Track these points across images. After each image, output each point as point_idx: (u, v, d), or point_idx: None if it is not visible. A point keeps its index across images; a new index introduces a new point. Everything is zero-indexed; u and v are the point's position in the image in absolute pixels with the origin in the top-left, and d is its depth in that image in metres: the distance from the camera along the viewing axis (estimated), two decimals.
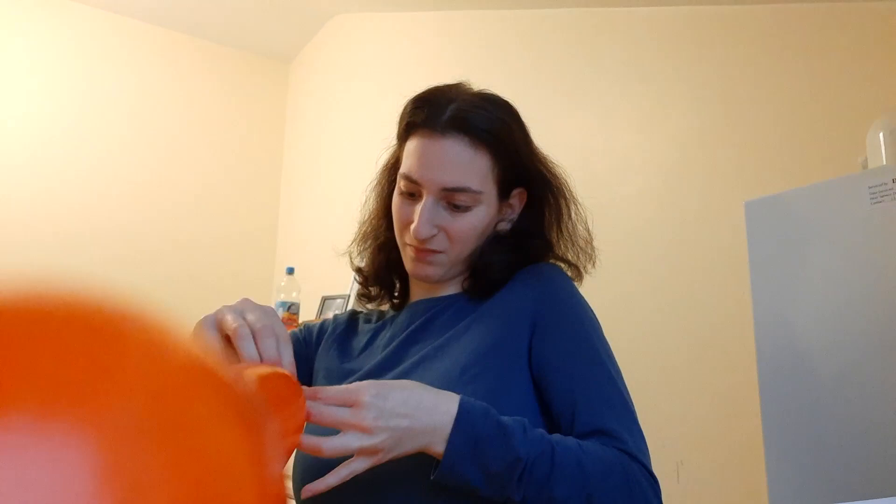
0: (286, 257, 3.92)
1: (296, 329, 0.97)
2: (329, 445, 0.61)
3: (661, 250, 1.95)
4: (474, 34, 2.83)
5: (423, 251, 0.82)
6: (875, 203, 1.13)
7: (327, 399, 0.63)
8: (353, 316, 0.97)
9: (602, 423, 0.72)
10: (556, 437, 0.68)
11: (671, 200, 1.95)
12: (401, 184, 0.83)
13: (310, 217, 3.82)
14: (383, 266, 0.93)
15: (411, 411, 0.63)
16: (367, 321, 0.96)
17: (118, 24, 3.75)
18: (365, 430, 0.61)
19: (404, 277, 0.94)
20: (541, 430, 0.68)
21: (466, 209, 0.81)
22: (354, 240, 0.96)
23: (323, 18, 3.89)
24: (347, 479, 0.63)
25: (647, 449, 0.75)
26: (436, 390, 0.66)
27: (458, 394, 0.67)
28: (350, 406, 0.62)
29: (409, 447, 0.63)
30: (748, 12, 1.86)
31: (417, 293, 0.91)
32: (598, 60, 2.26)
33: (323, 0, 3.68)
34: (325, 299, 2.87)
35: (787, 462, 1.18)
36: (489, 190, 0.82)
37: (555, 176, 0.90)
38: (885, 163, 1.24)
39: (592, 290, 0.91)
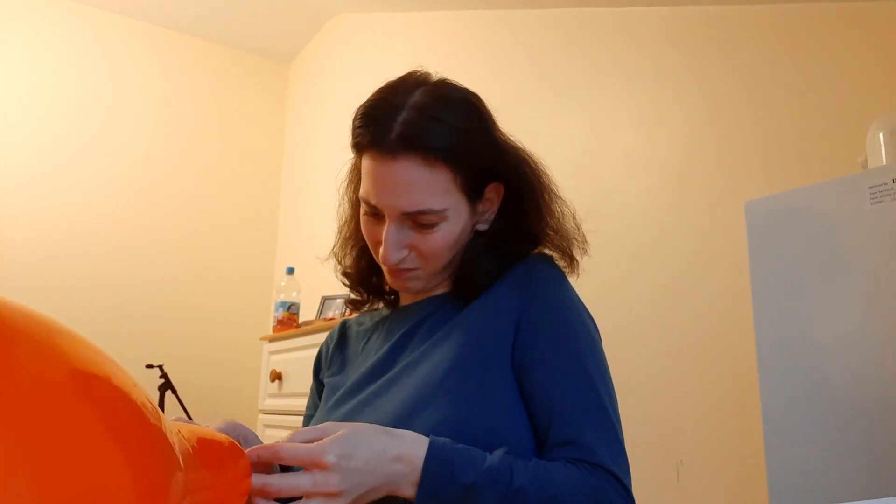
0: (286, 257, 3.92)
1: (312, 382, 0.97)
2: None
3: (661, 250, 1.95)
4: (474, 34, 2.83)
5: (398, 271, 0.80)
6: (875, 203, 1.13)
7: (288, 459, 0.61)
8: (344, 327, 0.97)
9: (577, 436, 0.69)
10: (526, 473, 0.66)
11: (671, 200, 1.95)
12: (363, 205, 0.79)
13: (310, 217, 3.82)
14: (367, 270, 0.91)
15: (377, 468, 0.62)
16: (360, 324, 0.95)
17: (118, 24, 3.75)
18: (329, 497, 0.60)
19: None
20: (510, 470, 0.65)
21: (433, 226, 0.76)
22: (336, 243, 0.95)
23: (323, 18, 3.89)
24: None
25: (625, 462, 0.71)
26: (402, 437, 0.64)
27: (428, 437, 0.65)
28: (314, 466, 0.60)
29: (374, 497, 0.63)
30: (749, 12, 1.86)
31: (406, 295, 0.91)
32: (598, 60, 2.26)
33: (323, 0, 3.68)
34: (325, 299, 2.87)
35: (787, 462, 1.18)
36: (455, 202, 0.77)
37: (525, 161, 0.84)
38: (885, 163, 1.24)
39: (592, 289, 0.91)
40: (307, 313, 2.99)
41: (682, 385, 1.84)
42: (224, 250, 3.88)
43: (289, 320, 2.74)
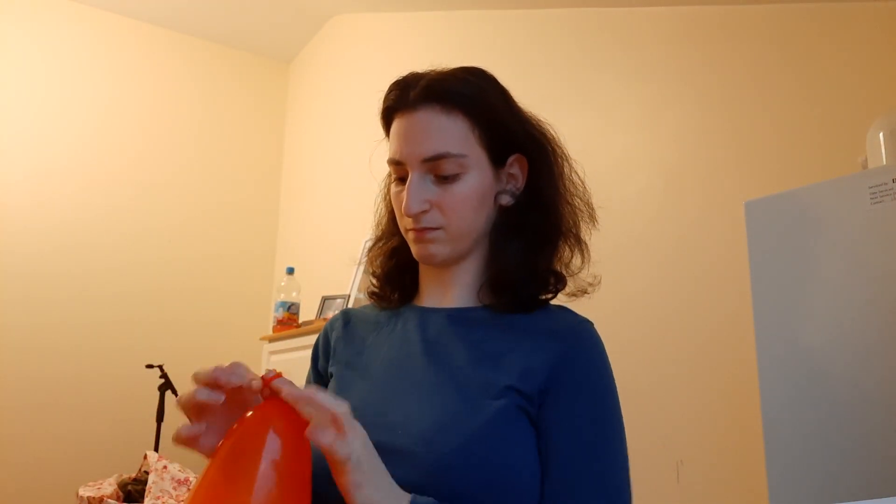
0: (286, 257, 3.92)
1: (309, 370, 0.96)
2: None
3: (661, 250, 1.95)
4: (474, 34, 2.83)
5: (421, 230, 0.80)
6: (875, 203, 1.13)
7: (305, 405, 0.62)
8: (347, 316, 0.95)
9: None
10: None
11: (671, 200, 1.95)
12: (391, 172, 0.84)
13: (310, 217, 3.82)
14: (394, 267, 0.90)
15: (380, 473, 0.64)
16: (367, 315, 0.93)
17: (118, 24, 3.75)
18: (339, 430, 0.61)
19: (416, 279, 0.91)
20: None
21: (455, 178, 0.78)
22: (370, 247, 0.95)
23: (323, 18, 3.89)
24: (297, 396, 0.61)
25: None
26: (390, 487, 0.65)
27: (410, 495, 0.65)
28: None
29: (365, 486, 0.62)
30: (749, 12, 1.86)
31: (428, 297, 0.88)
32: (598, 60, 2.26)
33: (323, 0, 3.68)
34: (324, 299, 2.87)
35: (787, 462, 1.18)
36: (474, 154, 0.79)
37: (543, 134, 0.88)
38: (885, 163, 1.24)
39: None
40: (307, 313, 2.99)
41: (682, 385, 1.84)
42: (224, 250, 3.88)
43: (289, 320, 2.74)
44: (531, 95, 1.03)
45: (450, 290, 0.85)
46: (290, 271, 2.87)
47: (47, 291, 3.36)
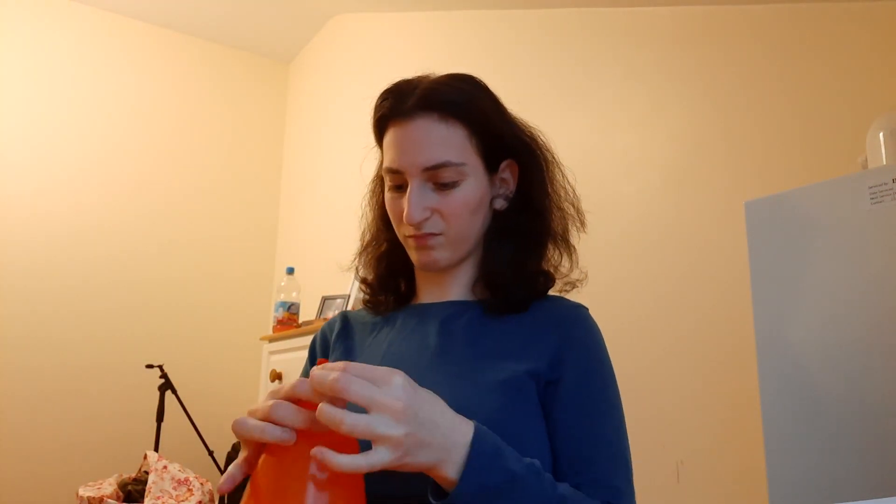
0: (286, 257, 3.92)
1: (305, 365, 0.95)
2: (351, 421, 0.54)
3: (660, 250, 1.95)
4: (474, 34, 2.83)
5: (422, 237, 0.81)
6: (875, 203, 1.13)
7: (355, 370, 0.57)
8: (345, 318, 0.96)
9: (612, 481, 0.74)
10: (565, 486, 0.68)
11: (671, 200, 1.95)
12: (387, 179, 0.83)
13: (310, 217, 3.82)
14: (386, 272, 0.92)
15: (437, 418, 0.59)
16: (364, 317, 0.94)
17: (118, 24, 3.75)
18: (394, 414, 0.55)
19: (409, 280, 0.92)
20: (549, 476, 0.67)
21: (454, 185, 0.80)
22: (358, 253, 0.96)
23: (323, 18, 3.89)
24: (364, 471, 0.55)
25: None
26: (452, 411, 0.62)
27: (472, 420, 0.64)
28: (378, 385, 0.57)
29: (422, 459, 0.58)
30: (749, 12, 1.86)
31: (425, 295, 0.89)
32: (597, 60, 2.26)
33: (323, 0, 3.68)
34: (324, 299, 2.87)
35: (787, 462, 1.18)
36: (472, 161, 0.81)
37: (533, 139, 0.89)
38: (885, 163, 1.24)
39: (591, 289, 0.91)
40: (307, 313, 2.99)
41: (682, 385, 1.84)
42: (224, 250, 3.88)
43: (289, 320, 2.74)
44: (530, 96, 1.04)
45: (448, 291, 0.88)
46: (290, 271, 2.87)
47: (47, 291, 3.36)
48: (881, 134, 1.26)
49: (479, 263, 0.87)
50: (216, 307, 3.79)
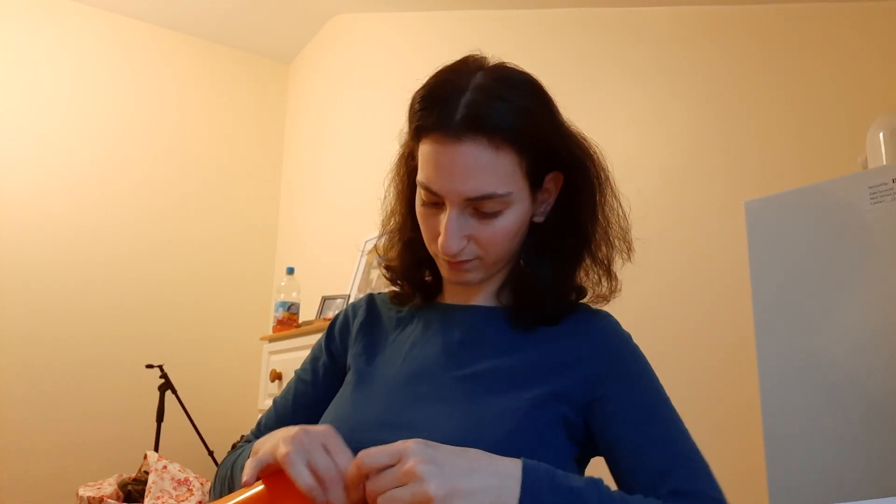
0: (286, 257, 3.92)
1: (320, 341, 0.93)
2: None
3: (660, 250, 1.95)
4: (474, 34, 2.83)
5: (457, 263, 0.77)
6: (875, 203, 1.13)
7: (371, 467, 0.57)
8: (372, 304, 0.92)
9: (699, 485, 0.71)
10: (631, 496, 0.65)
11: (671, 200, 1.95)
12: (421, 193, 0.76)
13: (310, 217, 3.82)
14: (412, 263, 0.87)
15: (471, 465, 0.58)
16: (391, 308, 0.91)
17: (118, 24, 3.75)
18: (415, 478, 0.55)
19: (435, 272, 0.88)
20: (619, 492, 0.65)
21: (496, 214, 0.74)
22: (380, 235, 0.91)
23: (323, 18, 3.89)
24: None
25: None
26: (489, 454, 0.61)
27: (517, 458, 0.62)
28: (398, 470, 0.56)
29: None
30: (749, 12, 1.86)
31: (451, 294, 0.87)
32: (597, 60, 2.26)
33: (323, 0, 3.68)
34: (325, 299, 2.87)
35: (787, 462, 1.18)
36: (519, 188, 0.74)
37: (588, 156, 0.83)
38: (885, 163, 1.24)
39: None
40: (307, 313, 2.99)
41: (681, 385, 1.84)
42: (224, 250, 3.88)
43: (289, 320, 2.74)
44: None
45: (474, 295, 0.85)
46: (290, 271, 2.87)
47: (47, 291, 3.36)
48: (881, 134, 1.26)
49: (509, 271, 0.84)
50: (216, 307, 3.79)
